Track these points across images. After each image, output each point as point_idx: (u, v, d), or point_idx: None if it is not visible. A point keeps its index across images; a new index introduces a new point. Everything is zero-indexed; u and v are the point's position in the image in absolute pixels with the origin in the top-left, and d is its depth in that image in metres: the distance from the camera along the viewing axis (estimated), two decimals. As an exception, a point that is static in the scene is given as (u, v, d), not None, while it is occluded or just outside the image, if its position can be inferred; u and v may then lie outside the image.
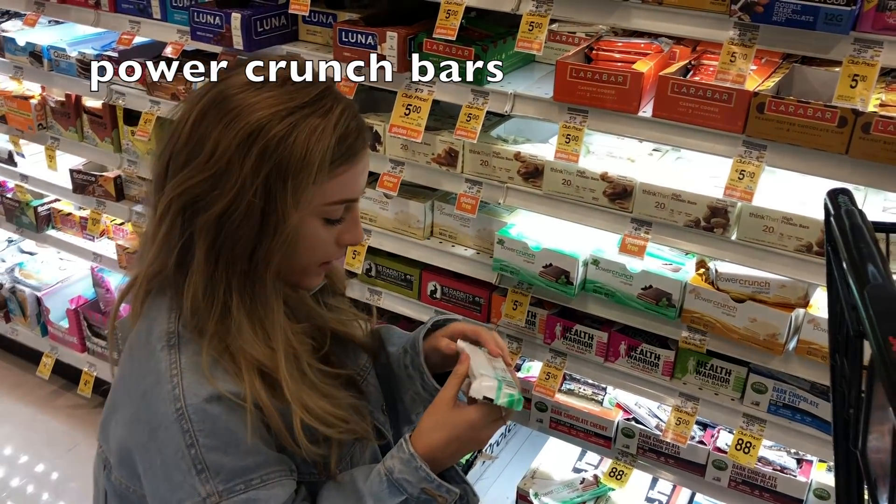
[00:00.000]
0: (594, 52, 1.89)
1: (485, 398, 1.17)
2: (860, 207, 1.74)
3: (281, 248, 1.14)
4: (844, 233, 0.97)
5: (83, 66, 2.52)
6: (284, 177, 1.10)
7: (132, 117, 2.53)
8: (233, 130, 1.09)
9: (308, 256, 1.19)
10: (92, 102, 2.64)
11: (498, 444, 2.57)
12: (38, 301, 3.16)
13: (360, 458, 1.32)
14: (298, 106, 1.12)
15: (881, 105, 1.59)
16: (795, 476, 1.90)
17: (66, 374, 3.24)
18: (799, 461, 1.95)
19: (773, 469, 1.91)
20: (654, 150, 1.97)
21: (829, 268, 1.08)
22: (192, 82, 2.32)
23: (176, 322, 1.15)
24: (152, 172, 1.20)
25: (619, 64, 1.84)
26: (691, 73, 1.81)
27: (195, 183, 1.11)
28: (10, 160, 2.97)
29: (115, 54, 2.51)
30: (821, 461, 1.94)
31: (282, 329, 1.18)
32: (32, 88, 2.87)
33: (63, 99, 2.69)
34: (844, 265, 0.92)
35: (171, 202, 1.12)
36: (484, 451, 2.46)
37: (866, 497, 1.00)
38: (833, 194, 1.07)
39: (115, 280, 3.05)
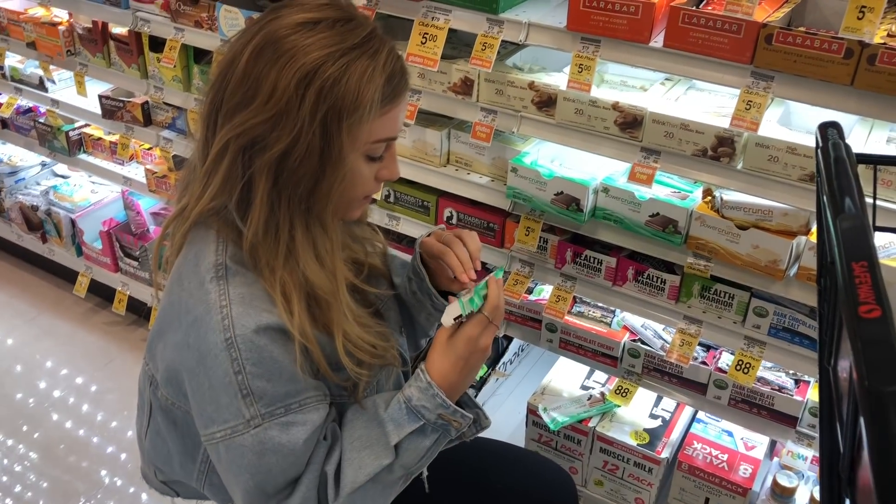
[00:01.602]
0: (609, -20, 1.90)
1: (455, 319, 1.27)
2: (867, 138, 1.79)
3: (340, 186, 1.20)
4: (828, 165, 1.02)
5: (108, -7, 2.57)
6: (340, 117, 1.15)
7: (157, 44, 2.59)
8: (290, 71, 1.13)
9: (352, 192, 1.25)
10: (118, 29, 2.69)
11: (511, 363, 2.68)
12: (73, 223, 3.28)
13: (386, 383, 1.42)
14: (350, 47, 1.15)
15: (889, 35, 1.61)
16: (792, 395, 1.99)
17: (101, 293, 3.40)
18: (796, 381, 2.04)
19: (772, 389, 2.00)
20: (666, 79, 2.00)
21: (818, 197, 1.14)
22: (215, 9, 2.36)
23: (224, 254, 1.22)
24: (202, 109, 1.24)
25: (635, -8, 1.85)
26: (704, 2, 1.82)
27: (254, 124, 1.15)
28: (41, 86, 3.05)
29: (139, -19, 2.55)
30: (817, 381, 2.02)
31: (340, 259, 1.27)
32: (60, 15, 2.92)
33: (90, 26, 2.75)
34: (825, 196, 0.99)
35: (229, 143, 1.17)
36: (497, 369, 2.57)
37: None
38: (823, 127, 1.11)
39: (145, 203, 3.16)
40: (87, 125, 3.16)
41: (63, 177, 3.59)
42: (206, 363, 1.19)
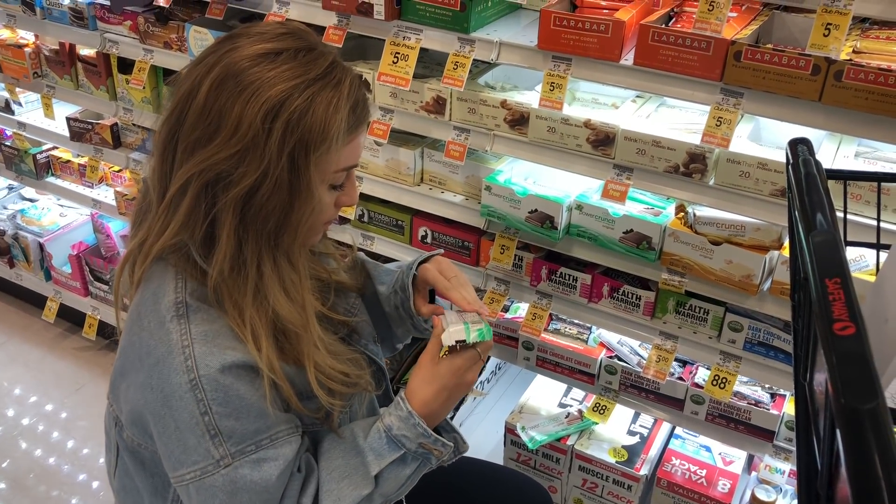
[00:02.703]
0: (579, -1, 1.92)
1: (457, 342, 1.25)
2: (835, 153, 1.81)
3: (309, 218, 1.18)
4: (799, 181, 1.03)
5: (76, 15, 2.54)
6: (308, 149, 1.13)
7: (126, 66, 2.56)
8: (255, 105, 1.10)
9: (314, 220, 1.23)
10: (86, 51, 2.66)
11: (488, 382, 2.67)
12: (41, 247, 3.23)
13: (359, 408, 1.40)
14: (314, 78, 1.13)
15: (855, 52, 1.63)
16: (768, 409, 1.99)
17: (71, 318, 3.34)
18: (772, 395, 2.04)
19: (748, 403, 2.00)
20: (637, 96, 2.01)
21: (790, 213, 1.14)
22: (184, 30, 2.34)
23: (183, 292, 1.18)
24: (156, 140, 1.20)
25: (605, 11, 1.87)
26: (674, 20, 1.84)
27: (219, 160, 1.11)
28: (8, 108, 3.00)
29: (107, 2, 2.53)
30: (793, 395, 2.03)
31: (308, 291, 1.24)
32: (26, 37, 2.89)
33: (57, 47, 2.72)
34: (796, 212, 0.99)
35: (191, 179, 1.13)
36: (475, 388, 2.55)
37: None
38: (793, 143, 1.12)
39: (115, 226, 3.12)
40: (55, 148, 3.11)
41: (31, 200, 3.53)
42: (171, 405, 1.16)
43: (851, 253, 1.72)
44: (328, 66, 1.16)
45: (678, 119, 1.94)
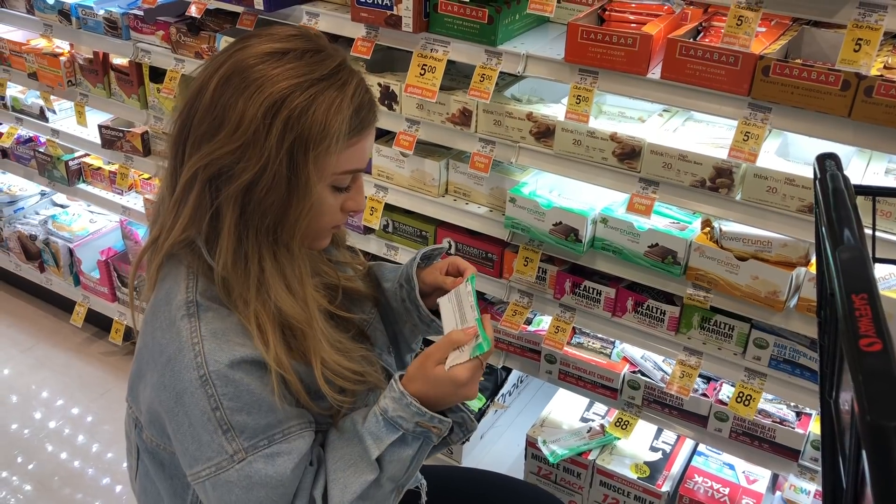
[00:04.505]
0: (607, 13, 1.92)
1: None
2: (865, 170, 1.79)
3: (307, 216, 1.19)
4: (826, 196, 1.02)
5: (110, 25, 2.59)
6: (307, 147, 1.15)
7: (158, 75, 2.60)
8: (257, 101, 1.12)
9: (318, 223, 1.24)
10: (119, 60, 2.71)
11: (510, 395, 2.66)
12: (71, 252, 3.28)
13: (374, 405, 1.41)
14: (318, 78, 1.15)
15: (886, 68, 1.62)
16: (794, 428, 1.96)
17: (99, 323, 3.38)
18: (798, 414, 2.02)
19: (773, 421, 1.98)
20: (664, 110, 2.01)
21: (817, 229, 1.13)
22: (215, 40, 2.38)
23: (194, 291, 1.21)
24: (169, 137, 1.23)
25: (633, 25, 1.87)
26: (702, 34, 1.83)
27: (222, 154, 1.14)
28: (42, 116, 3.06)
29: (141, 13, 2.57)
30: (819, 414, 2.00)
31: (311, 287, 1.25)
32: (62, 46, 2.94)
33: (91, 56, 2.77)
34: (823, 228, 0.98)
35: (197, 173, 1.16)
36: (496, 400, 2.55)
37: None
38: (821, 158, 1.11)
39: (144, 233, 3.16)
40: (86, 155, 3.16)
41: (62, 206, 3.59)
42: (184, 402, 1.17)
43: (880, 271, 1.69)
44: (335, 68, 1.18)
45: (705, 133, 1.93)
